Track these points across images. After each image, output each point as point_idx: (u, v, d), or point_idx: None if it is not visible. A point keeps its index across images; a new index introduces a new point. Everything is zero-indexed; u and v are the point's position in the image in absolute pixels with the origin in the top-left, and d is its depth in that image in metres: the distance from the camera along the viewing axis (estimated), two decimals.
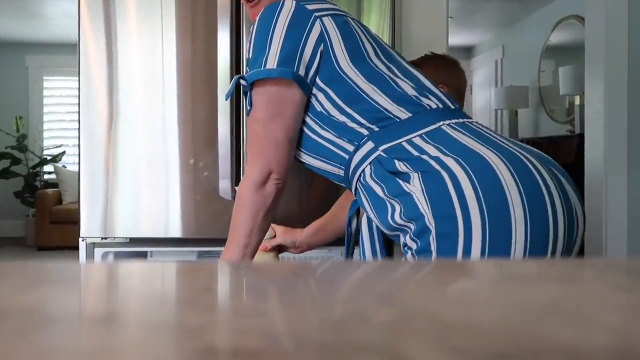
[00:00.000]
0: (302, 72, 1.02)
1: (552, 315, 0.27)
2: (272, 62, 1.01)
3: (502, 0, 4.83)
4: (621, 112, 2.45)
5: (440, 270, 0.40)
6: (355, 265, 0.52)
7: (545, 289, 0.33)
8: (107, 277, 0.40)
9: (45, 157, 5.85)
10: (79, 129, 1.65)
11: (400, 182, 0.97)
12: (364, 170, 1.02)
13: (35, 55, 6.12)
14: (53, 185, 5.67)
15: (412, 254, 0.97)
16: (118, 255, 1.68)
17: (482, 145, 0.96)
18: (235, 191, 1.17)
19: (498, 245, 0.91)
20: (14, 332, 0.24)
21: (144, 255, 1.70)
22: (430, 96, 1.04)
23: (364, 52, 1.04)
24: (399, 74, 1.05)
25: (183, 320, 0.27)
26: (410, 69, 1.09)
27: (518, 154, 0.96)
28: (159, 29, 1.63)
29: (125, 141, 1.64)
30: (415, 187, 0.95)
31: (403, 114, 1.00)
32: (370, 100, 1.01)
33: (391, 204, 0.98)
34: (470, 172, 0.92)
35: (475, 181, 0.92)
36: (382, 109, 1.01)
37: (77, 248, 1.68)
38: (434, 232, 0.93)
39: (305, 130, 1.06)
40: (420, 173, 0.95)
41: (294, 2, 1.04)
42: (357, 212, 1.22)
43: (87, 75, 1.64)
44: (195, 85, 1.65)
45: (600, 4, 2.45)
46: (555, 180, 0.95)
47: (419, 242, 0.95)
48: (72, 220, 4.53)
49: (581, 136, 3.22)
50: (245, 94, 1.08)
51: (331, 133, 1.04)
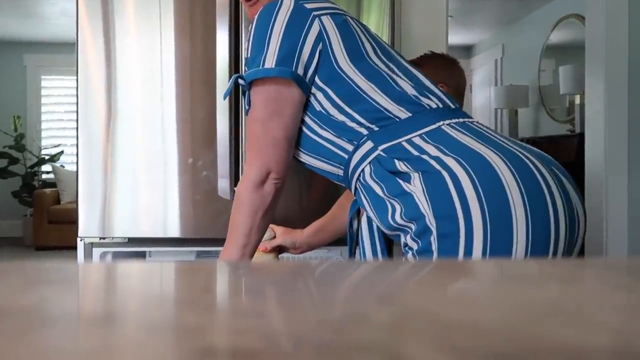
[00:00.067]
0: (300, 71, 1.02)
1: (552, 315, 0.27)
2: (270, 61, 1.01)
3: None
4: (621, 111, 2.44)
5: (440, 270, 0.40)
6: (354, 265, 0.52)
7: (545, 289, 0.33)
8: (105, 277, 0.40)
9: (43, 156, 5.85)
10: (77, 128, 1.64)
11: (401, 181, 0.96)
12: (363, 169, 1.02)
13: (33, 54, 6.11)
14: (51, 184, 5.67)
15: (413, 254, 0.97)
16: (116, 255, 1.68)
17: (483, 144, 0.96)
18: (234, 191, 1.17)
19: (499, 245, 0.91)
20: (12, 332, 0.24)
21: (142, 255, 1.70)
22: (430, 95, 1.03)
23: (362, 51, 1.04)
24: (398, 72, 1.05)
25: (181, 320, 0.27)
26: (410, 68, 1.08)
27: (519, 153, 0.96)
28: (157, 28, 1.63)
29: (124, 140, 1.64)
30: (415, 186, 0.95)
31: (402, 114, 1.00)
32: (370, 100, 1.01)
33: (391, 203, 0.98)
34: (471, 171, 0.92)
35: (476, 181, 0.92)
36: (381, 108, 1.01)
37: (75, 248, 1.68)
38: (434, 232, 0.93)
39: (304, 129, 1.06)
40: (420, 173, 0.95)
41: (293, 1, 1.03)
42: (357, 212, 1.21)
43: (85, 74, 1.64)
44: (193, 84, 1.65)
45: (601, 3, 2.45)
46: (556, 180, 0.95)
47: (419, 242, 0.95)
48: (70, 219, 4.52)
49: (581, 135, 3.22)
50: (244, 93, 1.08)
51: (330, 132, 1.04)
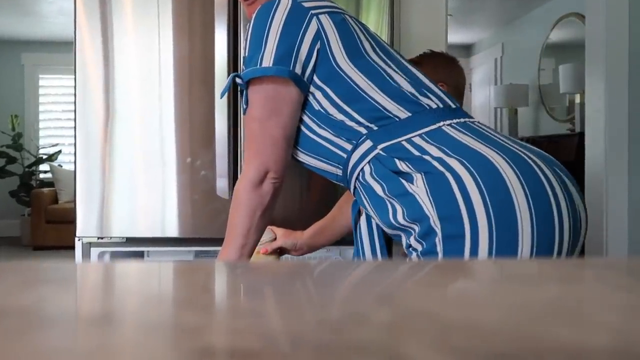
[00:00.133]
0: (298, 70, 1.01)
1: (552, 315, 0.27)
2: (267, 60, 1.01)
3: None
4: (621, 110, 2.44)
5: (440, 270, 0.40)
6: (353, 265, 0.52)
7: (545, 289, 0.33)
8: (103, 276, 0.40)
9: (40, 155, 5.84)
10: (75, 127, 1.64)
11: (403, 181, 0.96)
12: (362, 168, 1.01)
13: (31, 53, 6.10)
14: (49, 184, 5.66)
15: (417, 255, 0.96)
16: (114, 255, 1.68)
17: (485, 145, 0.96)
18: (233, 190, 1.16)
19: (505, 246, 0.90)
20: (10, 332, 0.24)
21: (140, 255, 1.70)
22: (430, 95, 1.03)
23: (361, 49, 1.03)
24: (396, 69, 1.04)
25: (180, 320, 0.26)
26: (410, 67, 1.08)
27: (521, 153, 0.95)
28: (155, 27, 1.63)
29: (122, 140, 1.64)
30: (418, 187, 0.94)
31: (402, 113, 1.00)
32: (369, 99, 1.01)
33: (391, 203, 0.98)
34: (475, 172, 0.92)
35: (480, 182, 0.91)
36: (380, 107, 1.00)
37: (73, 247, 1.67)
38: (439, 234, 0.92)
39: (303, 128, 1.06)
40: (423, 174, 0.94)
41: (290, 0, 1.03)
42: (359, 212, 1.21)
43: (83, 73, 1.63)
44: (192, 84, 1.65)
45: (601, 2, 2.44)
46: (560, 181, 0.95)
47: (424, 243, 0.95)
48: (68, 219, 4.52)
49: (581, 134, 3.21)
50: (241, 92, 1.08)
51: (329, 131, 1.03)
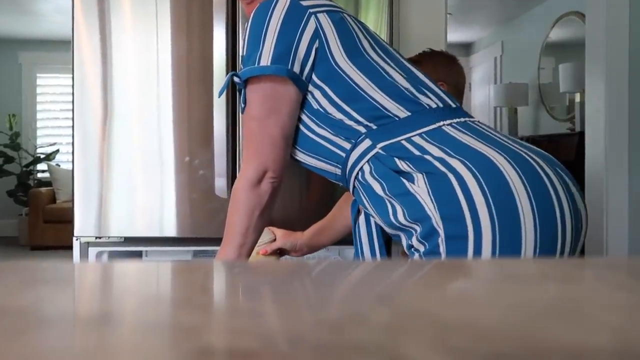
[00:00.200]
0: (296, 68, 1.01)
1: (552, 315, 0.27)
2: (265, 59, 1.01)
3: None
4: (622, 109, 2.44)
5: (439, 270, 0.40)
6: (352, 265, 0.52)
7: (545, 289, 0.33)
8: (101, 276, 0.39)
9: (38, 155, 5.83)
10: (73, 126, 1.64)
11: (404, 181, 0.96)
12: (362, 168, 1.01)
13: (28, 51, 6.09)
14: (46, 183, 5.65)
15: (420, 256, 0.96)
16: (112, 255, 1.68)
17: (486, 145, 0.95)
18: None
19: (508, 246, 0.90)
20: (8, 332, 0.24)
21: (138, 255, 1.69)
22: (430, 94, 1.03)
23: (360, 48, 1.03)
24: (395, 67, 1.04)
25: (178, 320, 0.26)
26: (409, 66, 1.07)
27: (523, 153, 0.95)
28: (153, 26, 1.63)
29: (120, 139, 1.64)
30: (420, 187, 0.94)
31: (401, 113, 1.00)
32: (368, 98, 1.00)
33: (390, 203, 0.98)
34: (477, 173, 0.91)
35: (482, 182, 0.91)
36: (379, 106, 1.00)
37: (70, 247, 1.67)
38: (442, 234, 0.92)
39: (301, 127, 1.06)
40: (424, 174, 0.94)
41: None
42: (359, 211, 1.21)
43: (81, 72, 1.63)
44: (190, 83, 1.64)
45: (601, 0, 2.44)
46: (562, 182, 0.94)
47: (426, 244, 0.94)
48: (66, 219, 4.52)
49: (581, 134, 3.21)
50: (239, 91, 1.07)
51: (327, 130, 1.03)
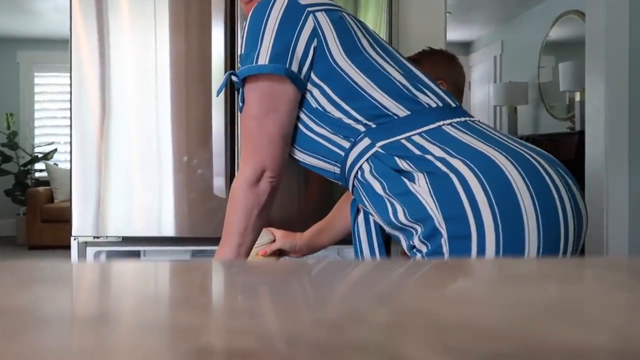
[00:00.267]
0: (294, 67, 1.01)
1: (552, 315, 0.26)
2: (263, 58, 1.00)
3: None
4: (622, 108, 2.44)
5: (439, 270, 0.40)
6: (351, 265, 0.52)
7: (545, 289, 0.33)
8: (99, 276, 0.39)
9: (36, 154, 5.82)
10: (71, 125, 1.64)
11: (405, 180, 0.95)
12: (361, 166, 1.01)
13: (26, 50, 6.08)
14: (44, 183, 5.64)
15: (423, 256, 0.95)
16: (110, 254, 1.67)
17: (487, 144, 0.95)
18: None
19: (511, 246, 0.90)
20: (6, 332, 0.24)
21: (136, 254, 1.69)
22: (430, 93, 1.02)
23: (359, 46, 1.03)
24: (394, 65, 1.04)
25: (176, 320, 0.26)
26: (409, 64, 1.07)
27: (524, 153, 0.95)
28: (151, 25, 1.62)
29: (118, 138, 1.63)
30: (421, 187, 0.94)
31: (401, 112, 0.99)
32: (367, 96, 1.00)
33: (390, 202, 0.97)
34: (479, 173, 0.91)
35: (485, 182, 0.91)
36: (379, 105, 1.00)
37: (68, 247, 1.67)
38: (445, 235, 0.92)
39: (300, 126, 1.05)
40: (425, 174, 0.94)
41: None
42: (359, 210, 1.20)
43: (79, 71, 1.63)
44: (188, 82, 1.64)
45: None
46: (564, 182, 0.94)
47: (429, 244, 0.94)
48: (64, 218, 4.51)
49: (581, 133, 3.21)
50: (238, 90, 1.07)
51: (326, 129, 1.03)
